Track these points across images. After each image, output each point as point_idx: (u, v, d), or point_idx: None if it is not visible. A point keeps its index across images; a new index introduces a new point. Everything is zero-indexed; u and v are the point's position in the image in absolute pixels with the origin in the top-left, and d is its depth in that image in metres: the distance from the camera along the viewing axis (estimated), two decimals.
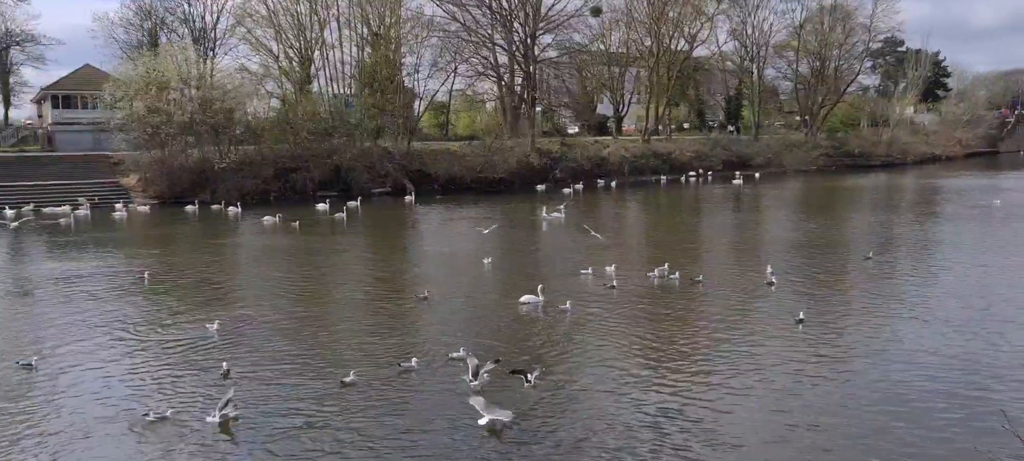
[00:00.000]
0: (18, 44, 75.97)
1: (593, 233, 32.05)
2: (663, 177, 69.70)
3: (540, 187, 60.79)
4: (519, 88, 76.61)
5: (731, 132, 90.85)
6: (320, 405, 14.48)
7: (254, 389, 15.37)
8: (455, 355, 16.57)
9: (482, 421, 13.23)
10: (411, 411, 14.24)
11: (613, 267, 25.73)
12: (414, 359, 16.51)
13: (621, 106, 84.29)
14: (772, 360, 16.70)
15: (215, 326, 19.30)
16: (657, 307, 21.94)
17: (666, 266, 25.34)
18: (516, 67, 75.40)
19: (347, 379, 15.52)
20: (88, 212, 47.11)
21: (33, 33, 76.17)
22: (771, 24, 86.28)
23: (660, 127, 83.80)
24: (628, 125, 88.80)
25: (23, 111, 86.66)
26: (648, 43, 78.70)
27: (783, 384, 15.30)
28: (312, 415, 14.04)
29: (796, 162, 80.00)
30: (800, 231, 38.03)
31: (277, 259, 32.21)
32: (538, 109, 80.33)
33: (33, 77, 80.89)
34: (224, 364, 16.51)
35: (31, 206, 49.17)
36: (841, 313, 21.17)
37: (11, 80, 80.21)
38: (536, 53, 74.22)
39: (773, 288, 23.52)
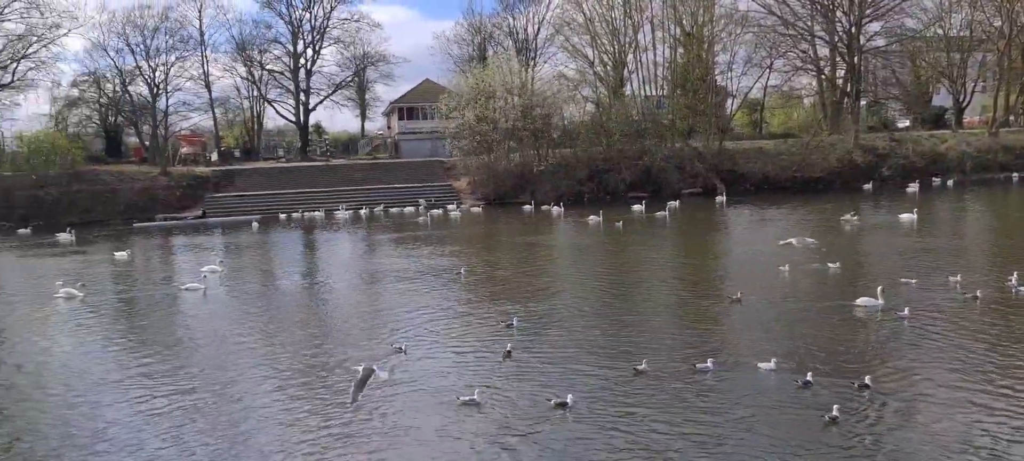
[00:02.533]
0: (372, 64, 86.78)
1: None
2: (1015, 174, 61.18)
3: (866, 186, 56.57)
4: (841, 81, 71.79)
5: None
6: (604, 392, 15.08)
7: (545, 370, 16.47)
8: (764, 366, 16.07)
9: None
10: (698, 410, 14.21)
11: (958, 277, 23.32)
12: (710, 361, 16.35)
13: (962, 96, 75.38)
14: None
15: (515, 319, 20.40)
16: (1002, 322, 19.50)
17: (1014, 277, 22.44)
18: (838, 59, 70.72)
19: (640, 367, 15.96)
20: (440, 211, 52.48)
21: (384, 53, 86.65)
22: None
23: (1011, 117, 73.68)
24: (970, 117, 79.16)
25: (375, 123, 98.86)
26: (998, 23, 69.52)
27: None
28: (595, 400, 14.66)
29: None
30: None
31: (592, 256, 33.62)
32: (862, 103, 74.61)
33: (384, 92, 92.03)
34: (508, 345, 17.88)
35: (381, 207, 56.21)
36: None
37: (367, 96, 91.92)
38: (861, 43, 68.89)
39: None
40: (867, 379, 14.86)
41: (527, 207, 52.29)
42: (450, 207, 54.32)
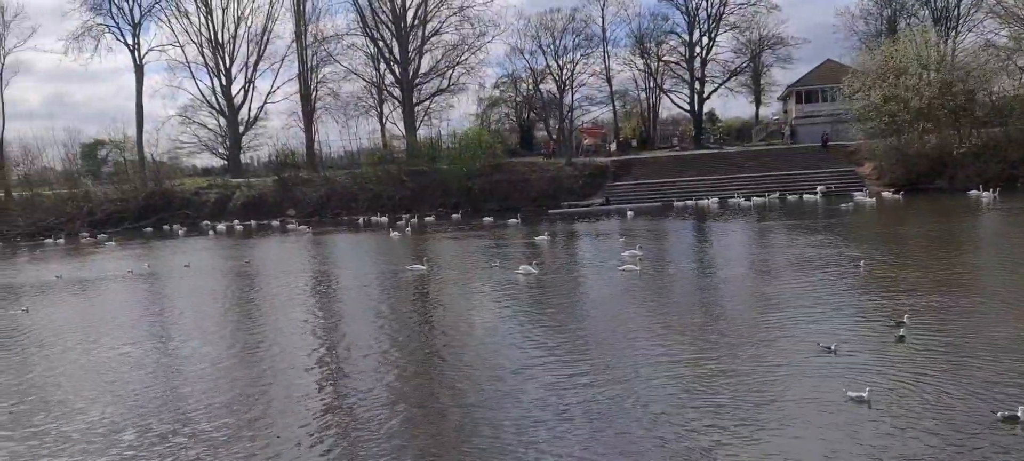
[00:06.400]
0: (769, 48, 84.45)
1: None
2: None
3: None
4: None
5: None
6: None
7: (940, 370, 14.80)
8: None
9: None
10: None
11: None
12: None
13: None
14: None
15: (905, 317, 18.12)
16: None
17: None
18: None
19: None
20: (860, 199, 49.61)
21: (781, 36, 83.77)
22: None
23: None
24: None
25: (770, 108, 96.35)
26: None
27: None
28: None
29: None
30: None
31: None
32: None
33: (780, 76, 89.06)
34: (901, 331, 16.88)
35: (776, 194, 54.92)
36: None
37: (761, 81, 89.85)
38: None
39: None
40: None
41: (973, 192, 46.63)
42: (858, 194, 51.09)
